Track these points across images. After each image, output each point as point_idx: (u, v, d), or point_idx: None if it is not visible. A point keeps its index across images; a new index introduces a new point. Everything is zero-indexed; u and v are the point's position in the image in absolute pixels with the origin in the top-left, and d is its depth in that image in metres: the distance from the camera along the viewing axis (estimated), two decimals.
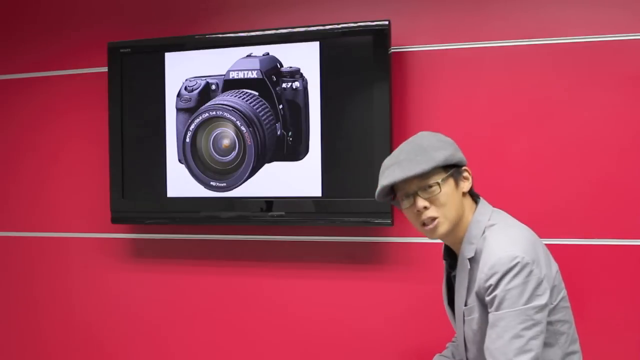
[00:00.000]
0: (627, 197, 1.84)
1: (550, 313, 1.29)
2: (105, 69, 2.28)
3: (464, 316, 1.38)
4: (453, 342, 1.71)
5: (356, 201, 1.97)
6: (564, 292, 1.36)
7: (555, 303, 1.32)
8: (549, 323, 1.30)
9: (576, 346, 1.38)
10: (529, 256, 1.26)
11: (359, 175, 1.97)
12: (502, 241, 1.30)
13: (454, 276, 1.44)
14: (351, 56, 1.99)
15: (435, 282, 2.00)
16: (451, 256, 1.47)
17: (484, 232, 1.35)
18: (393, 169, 1.34)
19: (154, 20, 2.30)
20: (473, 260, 1.34)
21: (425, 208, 1.34)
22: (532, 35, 1.92)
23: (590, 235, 1.87)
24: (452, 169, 1.36)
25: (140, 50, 2.20)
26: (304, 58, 2.02)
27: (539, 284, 1.25)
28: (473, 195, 1.42)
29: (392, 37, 1.98)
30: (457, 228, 1.38)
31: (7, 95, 2.48)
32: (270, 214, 2.07)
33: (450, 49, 1.99)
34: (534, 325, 1.23)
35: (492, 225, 1.35)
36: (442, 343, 2.00)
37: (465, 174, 1.38)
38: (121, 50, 2.20)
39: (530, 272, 1.24)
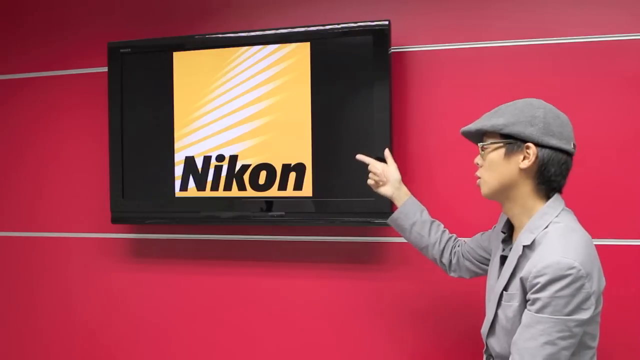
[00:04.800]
0: (627, 197, 1.85)
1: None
2: (105, 69, 2.28)
3: (501, 299, 1.37)
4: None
5: (356, 201, 1.97)
6: (600, 308, 1.33)
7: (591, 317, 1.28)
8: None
9: None
10: (585, 269, 1.22)
11: (359, 176, 1.97)
12: (563, 244, 1.26)
13: (503, 257, 1.42)
14: (351, 56, 1.99)
15: (434, 282, 2.00)
16: (510, 229, 1.45)
17: (547, 226, 1.31)
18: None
19: (154, 20, 2.30)
20: (528, 249, 1.32)
21: (477, 165, 1.42)
22: (532, 35, 1.92)
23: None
24: (510, 139, 1.33)
25: (140, 50, 2.20)
26: (304, 58, 2.02)
27: (586, 299, 1.22)
28: (546, 185, 1.35)
29: (392, 37, 1.98)
30: (503, 199, 1.38)
31: (7, 95, 2.48)
32: (270, 214, 2.07)
33: (450, 49, 1.99)
34: (570, 337, 1.22)
35: (558, 222, 1.31)
36: (442, 342, 2.00)
37: (529, 151, 1.31)
38: (121, 50, 2.20)
39: (582, 285, 1.21)
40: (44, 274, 2.44)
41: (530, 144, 1.31)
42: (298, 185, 2.04)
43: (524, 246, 1.33)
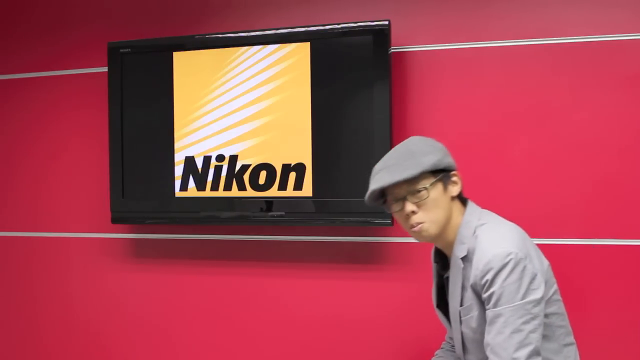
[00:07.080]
0: (627, 197, 1.84)
1: (545, 306, 1.31)
2: (105, 69, 2.28)
3: (460, 316, 1.39)
4: (448, 342, 1.72)
5: (356, 201, 1.97)
6: (555, 286, 1.39)
7: (548, 296, 1.35)
8: (545, 316, 1.32)
9: (571, 338, 1.42)
10: (522, 252, 1.29)
11: (359, 176, 1.96)
12: (494, 238, 1.33)
13: (447, 278, 1.45)
14: (351, 56, 1.99)
15: None
16: (442, 258, 1.49)
17: (475, 232, 1.37)
18: (382, 174, 1.37)
19: (154, 20, 2.30)
20: (466, 259, 1.37)
21: (414, 212, 1.37)
22: (532, 35, 1.92)
23: (590, 235, 1.87)
24: (440, 173, 1.37)
25: (140, 50, 2.20)
26: (304, 58, 2.02)
27: (533, 278, 1.28)
28: (462, 199, 1.44)
29: (392, 37, 1.98)
30: (446, 231, 1.40)
31: (7, 95, 2.48)
32: (270, 214, 2.07)
33: (450, 49, 1.99)
34: (532, 319, 1.26)
35: (482, 224, 1.38)
36: (441, 342, 2.00)
37: (455, 178, 1.40)
38: (121, 50, 2.20)
39: (524, 267, 1.27)
40: (44, 274, 2.44)
41: (455, 172, 1.40)
42: (298, 185, 2.04)
43: (461, 259, 1.37)
